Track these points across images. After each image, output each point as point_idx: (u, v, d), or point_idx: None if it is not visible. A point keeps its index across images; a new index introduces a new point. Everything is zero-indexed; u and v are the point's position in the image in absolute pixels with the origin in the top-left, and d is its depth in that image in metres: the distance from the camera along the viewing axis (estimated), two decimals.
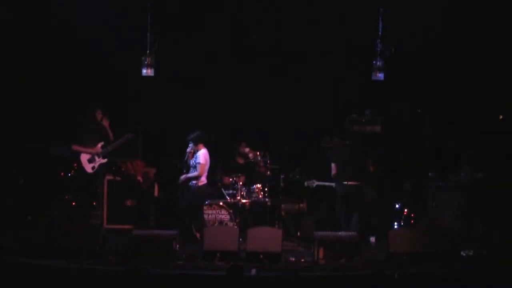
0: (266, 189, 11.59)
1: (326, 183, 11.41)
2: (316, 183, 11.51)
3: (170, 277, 8.59)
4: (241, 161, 12.07)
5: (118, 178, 11.67)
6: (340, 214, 11.01)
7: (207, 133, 11.16)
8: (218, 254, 9.47)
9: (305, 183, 11.54)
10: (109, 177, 11.64)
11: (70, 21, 11.23)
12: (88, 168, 11.05)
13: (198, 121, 12.30)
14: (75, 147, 11.05)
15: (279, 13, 11.69)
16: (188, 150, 11.09)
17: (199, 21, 11.92)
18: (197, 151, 10.99)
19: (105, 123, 11.30)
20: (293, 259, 9.77)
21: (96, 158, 11.11)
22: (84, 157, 11.09)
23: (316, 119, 12.36)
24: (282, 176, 11.74)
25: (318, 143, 12.04)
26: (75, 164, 11.10)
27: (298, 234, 11.50)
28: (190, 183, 11.02)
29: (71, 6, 11.08)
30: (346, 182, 10.91)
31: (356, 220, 10.86)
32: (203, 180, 11.06)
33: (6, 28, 11.41)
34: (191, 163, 11.02)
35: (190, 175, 10.99)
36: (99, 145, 11.14)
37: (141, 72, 10.70)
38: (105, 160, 11.19)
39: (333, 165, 11.13)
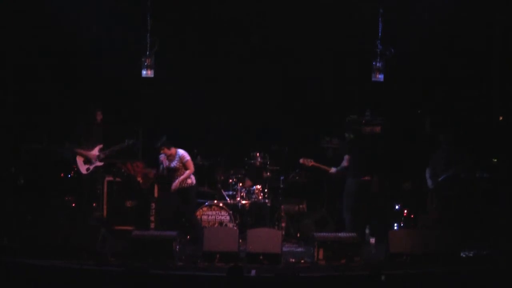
0: (266, 190, 11.59)
1: (322, 166, 11.35)
2: (312, 163, 11.37)
3: (170, 277, 8.57)
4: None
5: (118, 179, 11.65)
6: (348, 213, 10.95)
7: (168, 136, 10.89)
8: (218, 255, 9.46)
9: (301, 160, 11.37)
10: (109, 178, 11.62)
11: (70, 21, 11.23)
12: (83, 169, 10.97)
13: (198, 121, 12.33)
14: (74, 150, 11.01)
15: (280, 14, 11.69)
16: (161, 158, 10.68)
17: (199, 21, 11.92)
18: (173, 154, 10.57)
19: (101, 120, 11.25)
20: (293, 260, 9.76)
21: (93, 160, 11.05)
22: (80, 158, 11.04)
23: (316, 119, 12.36)
24: (282, 177, 11.73)
25: (318, 143, 12.07)
26: (75, 166, 11.08)
27: (298, 235, 11.49)
28: (184, 184, 10.62)
29: (71, 6, 11.08)
30: (360, 178, 10.90)
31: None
32: (193, 177, 10.75)
33: (6, 28, 11.41)
34: (173, 165, 10.58)
35: (183, 176, 10.54)
36: (97, 148, 11.08)
37: (141, 73, 10.69)
38: (101, 163, 11.13)
39: (346, 157, 11.09)
